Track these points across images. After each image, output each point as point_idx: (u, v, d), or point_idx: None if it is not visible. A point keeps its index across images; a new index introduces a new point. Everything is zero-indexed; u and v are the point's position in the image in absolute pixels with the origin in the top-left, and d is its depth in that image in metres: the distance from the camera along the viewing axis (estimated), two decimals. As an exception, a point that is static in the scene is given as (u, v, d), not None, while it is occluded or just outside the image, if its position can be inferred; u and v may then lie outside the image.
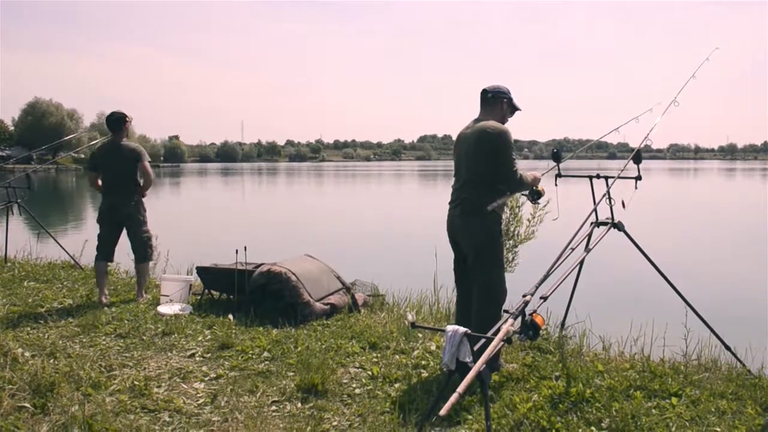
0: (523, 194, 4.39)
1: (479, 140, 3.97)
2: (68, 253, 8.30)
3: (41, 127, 75.55)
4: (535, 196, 4.27)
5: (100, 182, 6.17)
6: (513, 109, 4.25)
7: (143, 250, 6.19)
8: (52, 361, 4.28)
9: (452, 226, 4.19)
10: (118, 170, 6.08)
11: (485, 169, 3.96)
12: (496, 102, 4.13)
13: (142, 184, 6.21)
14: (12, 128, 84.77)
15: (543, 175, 4.33)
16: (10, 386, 3.69)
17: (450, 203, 4.19)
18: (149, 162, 6.22)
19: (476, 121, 4.12)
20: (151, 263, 8.07)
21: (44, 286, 6.79)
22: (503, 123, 4.11)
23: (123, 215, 6.10)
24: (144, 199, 6.27)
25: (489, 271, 4.01)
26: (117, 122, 6.13)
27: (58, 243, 8.59)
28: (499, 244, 4.04)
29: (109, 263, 6.33)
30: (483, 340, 2.83)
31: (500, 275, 4.08)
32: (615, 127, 4.70)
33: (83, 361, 4.26)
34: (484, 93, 4.15)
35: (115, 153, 6.08)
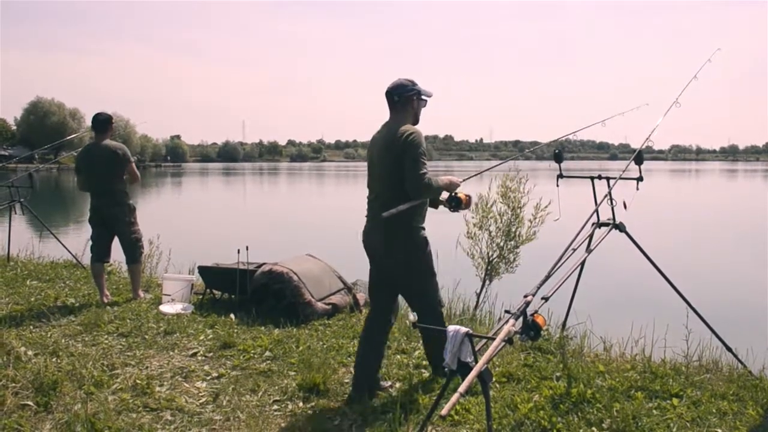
0: (441, 202, 3.91)
1: (389, 146, 3.62)
2: (70, 252, 8.31)
3: (43, 126, 75.58)
4: (454, 203, 3.86)
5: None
6: (424, 100, 3.86)
7: (131, 251, 6.15)
8: (54, 359, 4.30)
9: (369, 243, 3.82)
10: (103, 171, 5.99)
11: (399, 177, 3.57)
12: (406, 103, 3.75)
13: (126, 188, 6.13)
14: (14, 127, 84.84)
15: (464, 180, 3.92)
16: (14, 384, 3.70)
17: (367, 216, 3.82)
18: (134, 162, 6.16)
19: (386, 124, 3.77)
20: (153, 262, 8.11)
21: (47, 285, 6.81)
22: (416, 119, 3.80)
23: (107, 216, 6.03)
24: (145, 199, 6.26)
25: (426, 281, 3.79)
26: (104, 123, 6.07)
27: (60, 242, 8.60)
28: (429, 255, 3.76)
29: (106, 263, 6.31)
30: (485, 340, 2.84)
31: (436, 283, 3.86)
32: (599, 120, 4.70)
33: (86, 359, 4.27)
34: (390, 96, 3.76)
35: (97, 154, 5.99)
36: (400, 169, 3.54)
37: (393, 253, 3.69)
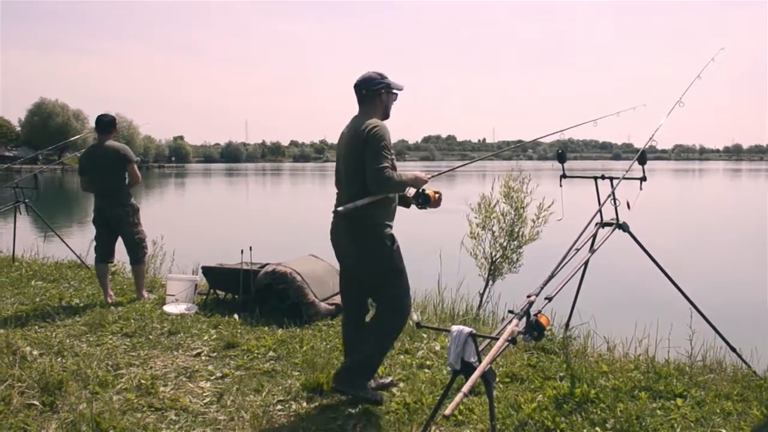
0: (410, 200, 3.73)
1: (353, 141, 3.54)
2: (75, 253, 8.34)
3: (47, 127, 75.82)
4: (422, 200, 3.66)
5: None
6: (394, 94, 3.74)
7: (135, 252, 6.16)
8: (59, 359, 4.32)
9: (335, 241, 3.77)
10: (105, 172, 6.00)
11: (363, 173, 3.47)
12: (374, 96, 3.64)
13: (128, 183, 6.11)
14: (18, 129, 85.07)
15: (432, 177, 3.77)
16: (20, 384, 3.72)
17: (333, 212, 3.70)
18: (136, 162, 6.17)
19: (353, 118, 3.69)
20: (157, 263, 8.12)
21: (51, 286, 6.83)
22: (386, 113, 3.70)
23: (110, 217, 6.04)
24: (149, 199, 6.28)
25: (390, 285, 3.65)
26: (107, 124, 6.09)
27: (64, 243, 8.64)
28: (395, 255, 3.63)
29: (110, 263, 6.33)
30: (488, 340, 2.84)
31: (403, 287, 3.69)
32: (590, 120, 4.69)
33: (90, 359, 4.29)
34: (358, 89, 3.66)
35: (100, 155, 6.00)
36: (361, 163, 3.46)
37: (356, 251, 3.65)
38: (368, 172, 3.42)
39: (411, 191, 3.70)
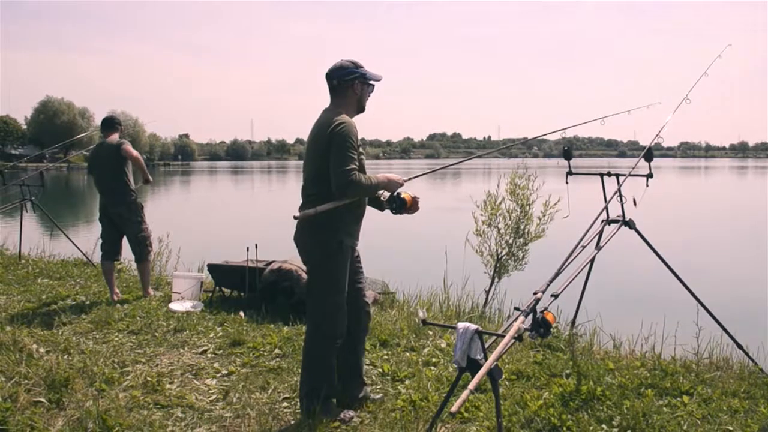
0: (384, 204, 3.50)
1: (316, 137, 3.30)
2: (81, 251, 8.37)
3: (53, 125, 76.02)
4: (396, 204, 3.42)
5: None
6: (369, 84, 3.44)
7: (139, 249, 6.18)
8: (66, 357, 4.33)
9: (295, 240, 3.47)
10: (105, 170, 6.04)
11: (323, 172, 3.23)
12: (346, 87, 3.37)
13: (131, 180, 6.10)
14: (24, 127, 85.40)
15: (407, 180, 3.50)
16: (26, 381, 3.73)
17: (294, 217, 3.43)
18: (130, 145, 6.10)
19: (323, 112, 3.42)
20: (163, 260, 8.14)
21: (57, 283, 6.86)
22: (360, 106, 3.44)
23: (113, 215, 6.07)
24: (155, 197, 6.30)
25: (318, 295, 3.38)
26: (110, 122, 6.17)
27: (70, 240, 8.67)
28: (334, 264, 3.31)
29: (116, 261, 6.35)
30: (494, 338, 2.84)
31: (333, 302, 3.34)
32: (598, 117, 4.63)
33: (97, 357, 4.30)
34: (329, 79, 3.40)
35: (104, 153, 6.06)
36: (325, 164, 3.20)
37: (304, 251, 3.40)
38: (333, 174, 3.14)
39: (385, 194, 3.46)
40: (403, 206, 3.43)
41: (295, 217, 3.21)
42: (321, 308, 3.38)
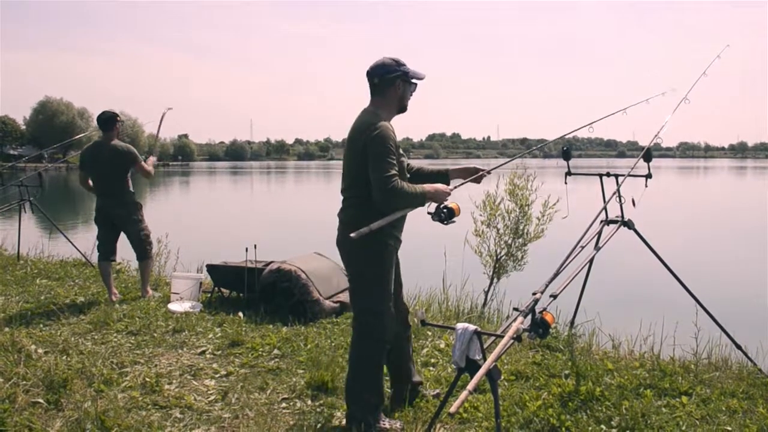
0: (429, 214, 3.31)
1: (353, 139, 3.19)
2: (80, 251, 8.36)
3: (52, 125, 76.06)
4: (445, 215, 3.27)
5: (90, 182, 6.17)
6: (411, 83, 3.32)
7: (141, 248, 6.20)
8: (64, 357, 4.33)
9: (337, 241, 3.38)
10: (107, 172, 6.02)
11: (362, 177, 3.13)
12: (387, 87, 3.25)
13: (130, 182, 6.17)
14: (23, 127, 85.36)
15: (455, 188, 3.38)
16: (24, 382, 3.72)
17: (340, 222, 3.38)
18: (143, 159, 6.21)
19: (362, 113, 3.29)
20: (162, 261, 8.13)
21: (56, 284, 6.85)
22: (401, 106, 3.32)
23: (113, 216, 6.08)
24: (154, 198, 6.31)
25: (365, 300, 3.28)
26: (108, 121, 6.07)
27: (69, 241, 8.65)
28: (380, 268, 3.22)
29: (113, 261, 6.33)
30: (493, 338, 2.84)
31: (381, 306, 3.23)
32: (620, 109, 4.57)
33: (95, 357, 4.29)
34: (370, 77, 3.28)
35: (104, 154, 6.00)
36: (360, 167, 3.12)
37: (349, 256, 3.32)
38: (373, 182, 3.04)
39: (432, 206, 3.28)
40: (451, 216, 3.30)
41: (351, 236, 2.98)
42: (369, 313, 3.26)
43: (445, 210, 3.26)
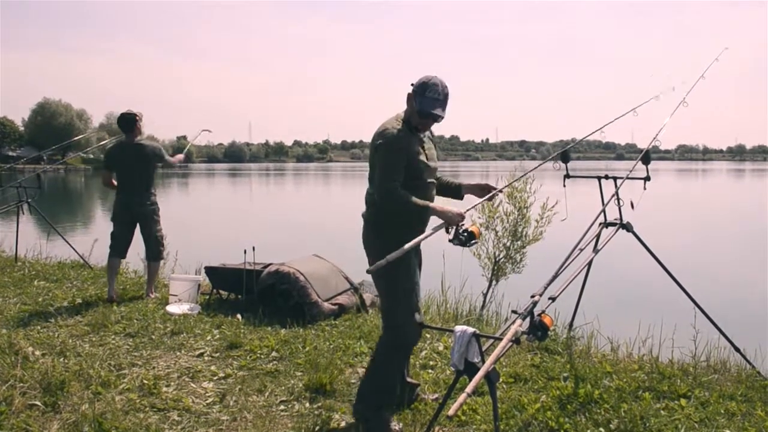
0: (450, 240, 3.33)
1: (371, 142, 3.32)
2: (78, 253, 8.35)
3: (51, 127, 75.98)
4: (464, 238, 3.28)
5: (114, 181, 6.21)
6: (418, 109, 3.23)
7: (156, 248, 6.28)
8: (62, 359, 4.32)
9: (363, 241, 3.48)
10: (136, 170, 6.14)
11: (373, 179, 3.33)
12: (409, 98, 3.29)
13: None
14: (22, 128, 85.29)
15: (467, 211, 3.30)
16: (22, 384, 3.72)
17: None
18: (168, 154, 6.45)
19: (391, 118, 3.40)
20: (160, 262, 8.13)
21: (54, 286, 6.84)
22: (415, 120, 3.28)
23: (138, 214, 6.18)
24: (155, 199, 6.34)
25: (385, 301, 3.41)
26: (129, 122, 6.17)
27: (67, 243, 8.64)
28: (398, 271, 3.22)
29: (121, 260, 6.38)
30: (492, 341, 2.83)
31: (399, 310, 3.29)
32: (630, 109, 4.52)
33: (93, 359, 4.28)
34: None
35: (132, 153, 6.11)
36: (374, 169, 3.29)
37: (368, 253, 3.41)
38: (375, 183, 3.25)
39: (452, 232, 3.27)
40: (472, 239, 3.30)
41: (368, 271, 3.09)
42: (396, 315, 3.33)
43: (465, 234, 3.27)
